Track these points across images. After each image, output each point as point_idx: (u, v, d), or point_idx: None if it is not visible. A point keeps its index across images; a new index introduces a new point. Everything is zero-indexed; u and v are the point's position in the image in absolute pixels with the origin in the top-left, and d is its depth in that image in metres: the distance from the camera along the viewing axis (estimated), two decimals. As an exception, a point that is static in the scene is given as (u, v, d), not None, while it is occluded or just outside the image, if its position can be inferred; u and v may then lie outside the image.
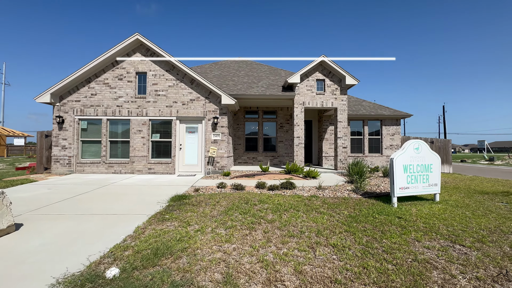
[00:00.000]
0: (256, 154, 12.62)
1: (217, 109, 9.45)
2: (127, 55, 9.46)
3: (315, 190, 6.72)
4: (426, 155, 5.52)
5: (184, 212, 4.53)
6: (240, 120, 12.67)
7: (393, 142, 12.84)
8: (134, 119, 9.34)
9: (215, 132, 9.42)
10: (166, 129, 9.51)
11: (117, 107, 9.35)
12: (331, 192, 6.44)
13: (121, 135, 9.47)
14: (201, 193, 6.09)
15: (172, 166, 9.30)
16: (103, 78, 9.39)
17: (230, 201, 5.33)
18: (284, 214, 4.51)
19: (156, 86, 9.43)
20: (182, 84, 9.44)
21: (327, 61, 10.20)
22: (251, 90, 10.65)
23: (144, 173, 9.24)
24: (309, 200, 5.56)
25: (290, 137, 12.65)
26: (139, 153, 9.27)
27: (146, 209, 4.76)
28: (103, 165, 9.24)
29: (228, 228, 3.79)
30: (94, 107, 9.33)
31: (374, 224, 4.06)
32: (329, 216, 4.44)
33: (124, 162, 9.26)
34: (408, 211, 4.82)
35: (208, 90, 9.44)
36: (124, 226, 3.86)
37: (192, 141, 9.56)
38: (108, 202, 5.34)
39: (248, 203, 5.13)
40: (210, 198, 5.56)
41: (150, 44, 9.16)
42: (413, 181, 5.38)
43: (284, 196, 5.89)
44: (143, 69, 9.43)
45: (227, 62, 15.30)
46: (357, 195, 6.15)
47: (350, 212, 4.72)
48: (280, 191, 6.49)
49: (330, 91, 10.53)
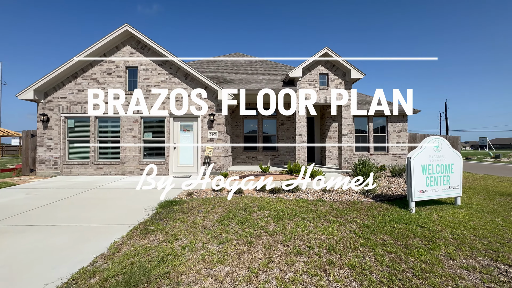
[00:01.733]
0: (255, 153, 12.00)
1: (213, 106, 8.82)
2: (116, 48, 8.81)
3: (321, 192, 6.11)
4: (447, 154, 4.91)
5: (173, 222, 3.92)
6: (239, 117, 12.05)
7: (400, 140, 12.22)
8: (124, 117, 8.71)
9: (212, 130, 8.80)
10: (159, 127, 8.89)
11: (106, 104, 8.71)
12: (339, 195, 5.84)
13: (111, 134, 8.84)
14: (195, 198, 5.48)
15: (166, 167, 8.68)
16: (90, 73, 8.75)
17: (226, 207, 4.72)
18: (288, 224, 3.90)
19: (147, 81, 8.79)
20: (176, 79, 8.81)
21: (330, 53, 9.56)
22: (250, 85, 10.02)
23: (136, 174, 8.63)
24: (315, 205, 4.95)
25: (292, 135, 12.03)
26: (130, 153, 8.65)
27: (129, 218, 4.15)
28: (92, 167, 8.62)
29: (222, 242, 3.18)
30: (82, 104, 8.70)
31: (394, 235, 3.46)
32: (340, 226, 3.84)
33: (114, 163, 8.64)
34: (429, 218, 4.21)
35: (204, 85, 8.81)
36: (99, 241, 3.25)
37: (187, 140, 8.94)
38: (89, 209, 4.73)
39: (247, 210, 4.52)
40: (204, 203, 4.95)
41: (140, 36, 8.51)
42: (432, 183, 4.76)
43: (286, 201, 5.28)
44: (133, 63, 8.79)
45: (224, 57, 14.65)
46: (368, 199, 5.54)
47: (363, 220, 4.12)
48: (282, 195, 5.89)
49: (334, 85, 9.90)
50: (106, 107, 8.67)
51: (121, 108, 8.68)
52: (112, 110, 8.68)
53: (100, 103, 8.69)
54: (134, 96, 8.72)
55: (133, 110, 8.69)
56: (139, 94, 8.73)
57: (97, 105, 8.67)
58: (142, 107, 8.71)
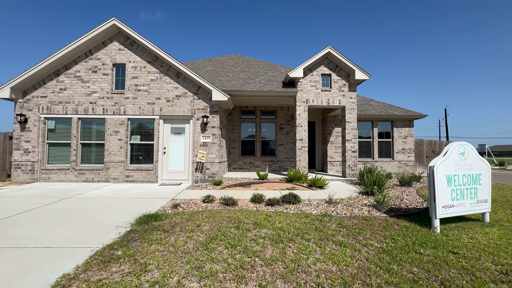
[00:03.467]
0: (253, 159, 11.28)
1: (207, 107, 8.13)
2: (103, 44, 8.14)
3: (325, 205, 5.38)
4: (474, 163, 4.22)
5: (147, 244, 3.17)
6: (236, 120, 11.36)
7: (406, 146, 11.55)
8: (110, 118, 7.98)
9: (205, 133, 8.08)
10: (148, 130, 8.16)
11: (90, 104, 8.00)
12: (346, 208, 5.11)
13: (95, 137, 8.10)
14: (180, 211, 4.72)
15: (154, 173, 7.93)
16: (74, 70, 8.06)
17: (215, 224, 3.97)
18: (289, 248, 3.16)
19: (136, 80, 8.10)
20: (167, 78, 8.13)
21: (333, 53, 8.94)
22: (248, 86, 9.36)
23: (121, 181, 7.86)
24: (321, 222, 4.22)
25: (291, 140, 11.34)
26: (115, 158, 7.90)
27: (96, 238, 3.40)
28: (73, 172, 7.85)
29: (204, 277, 2.44)
30: (63, 104, 7.98)
31: (424, 266, 2.73)
32: (354, 251, 3.11)
33: (97, 169, 7.88)
34: (459, 241, 3.49)
35: (197, 85, 8.14)
36: (45, 273, 2.49)
37: (178, 144, 8.21)
38: (53, 225, 3.97)
39: (239, 228, 3.78)
40: (190, 219, 4.20)
41: (129, 31, 7.86)
42: (458, 196, 4.06)
43: (287, 215, 4.54)
44: (121, 60, 8.12)
45: (221, 58, 14.05)
46: (380, 213, 4.81)
47: (380, 242, 3.38)
48: (281, 207, 5.15)
49: (337, 87, 9.26)
50: (90, 108, 7.96)
51: (106, 109, 7.97)
52: (96, 110, 7.96)
53: (84, 103, 7.98)
54: (121, 96, 8.03)
55: (120, 110, 7.98)
56: (126, 94, 8.03)
57: (80, 105, 7.95)
58: (130, 107, 8.00)
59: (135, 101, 8.04)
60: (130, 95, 8.05)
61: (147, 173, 7.92)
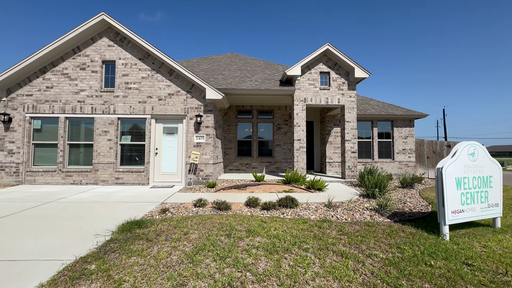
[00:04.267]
0: (249, 160, 10.95)
1: (201, 106, 7.79)
2: (92, 40, 7.79)
3: (324, 208, 5.06)
4: (484, 164, 3.91)
5: (126, 257, 2.83)
6: (232, 120, 11.03)
7: (406, 146, 11.27)
8: (99, 118, 7.62)
9: (199, 133, 7.74)
10: (139, 129, 7.81)
11: (78, 102, 7.64)
12: (347, 213, 4.79)
13: (84, 137, 7.73)
14: (168, 217, 4.38)
15: (146, 175, 7.57)
16: (61, 67, 7.70)
17: (205, 231, 3.63)
18: (285, 259, 2.83)
19: (126, 78, 7.75)
20: (159, 76, 7.79)
21: (332, 50, 8.65)
22: (244, 85, 9.03)
23: (111, 183, 7.50)
24: (320, 228, 3.89)
25: (289, 140, 11.03)
26: (105, 159, 7.54)
27: (71, 249, 3.05)
28: (60, 174, 7.47)
29: (185, 298, 2.10)
30: (50, 103, 7.60)
31: (436, 281, 2.42)
32: (357, 262, 2.79)
33: (85, 171, 7.51)
34: (471, 249, 3.18)
35: (190, 83, 7.80)
36: (1, 294, 2.15)
37: (170, 145, 7.86)
38: (25, 233, 3.61)
39: (231, 236, 3.44)
40: (178, 226, 3.86)
41: (119, 26, 7.52)
42: (468, 201, 3.75)
43: (283, 221, 4.21)
44: (111, 57, 7.76)
45: (218, 56, 13.72)
46: (383, 218, 4.50)
47: (386, 252, 3.06)
48: (278, 211, 4.82)
49: (336, 85, 8.96)
50: (78, 107, 7.59)
51: (95, 108, 7.61)
52: (85, 109, 7.60)
53: (72, 101, 7.61)
54: (110, 94, 7.68)
55: (109, 109, 7.62)
56: (116, 92, 7.68)
57: (68, 104, 7.59)
58: (120, 106, 7.65)
59: (125, 99, 7.68)
60: (120, 93, 7.70)
61: (138, 175, 7.56)
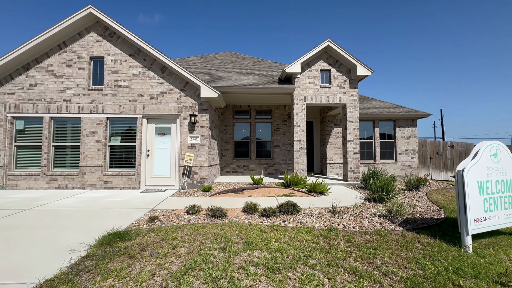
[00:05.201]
0: (247, 162, 10.52)
1: (195, 105, 7.35)
2: (79, 35, 7.33)
3: (329, 215, 4.65)
4: (508, 166, 3.53)
5: (101, 279, 2.38)
6: (228, 120, 10.60)
7: (409, 147, 10.93)
8: (86, 117, 7.15)
9: (193, 134, 7.30)
10: (129, 130, 7.34)
11: (64, 101, 7.16)
12: (354, 220, 4.38)
13: (70, 139, 7.25)
14: (157, 226, 3.92)
15: (136, 178, 7.11)
16: (46, 64, 7.22)
17: (196, 244, 3.19)
18: (289, 279, 2.41)
19: (116, 75, 7.29)
20: (150, 73, 7.34)
21: (333, 46, 8.27)
22: (241, 83, 8.62)
23: (99, 188, 7.02)
24: (326, 239, 3.48)
25: (288, 141, 10.62)
26: (92, 161, 7.06)
27: (38, 268, 2.60)
28: (44, 178, 6.98)
29: None
30: (34, 102, 7.12)
31: (473, 309, 2.01)
32: (373, 283, 2.38)
33: (71, 174, 7.02)
34: (500, 264, 2.78)
35: (184, 80, 7.36)
36: None
37: (163, 146, 7.41)
38: (-10, 248, 3.14)
39: (226, 250, 3.01)
40: (166, 237, 3.41)
41: (108, 20, 7.07)
42: (492, 207, 3.36)
43: (285, 230, 3.79)
44: (99, 53, 7.30)
45: (214, 55, 13.30)
46: (395, 226, 4.09)
47: (404, 269, 2.66)
48: (278, 218, 4.40)
49: (338, 83, 8.59)
50: (64, 106, 7.11)
51: (82, 107, 7.14)
52: (71, 108, 7.12)
53: (57, 100, 7.14)
54: (99, 93, 7.21)
55: (98, 109, 7.16)
56: (105, 90, 7.22)
57: (53, 103, 7.11)
58: (109, 105, 7.18)
59: (114, 98, 7.22)
60: (109, 91, 7.24)
61: (128, 178, 7.09)
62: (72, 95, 7.18)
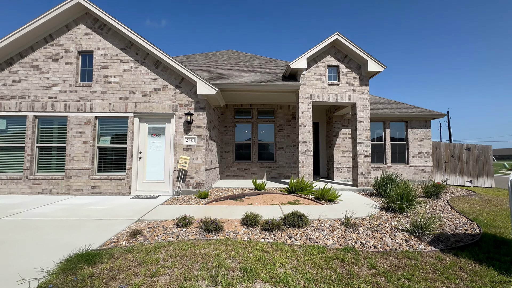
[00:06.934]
0: (248, 165, 9.86)
1: (191, 103, 6.74)
2: (67, 27, 6.78)
3: (342, 228, 3.97)
4: None
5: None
6: (229, 121, 9.97)
7: (422, 149, 10.18)
8: (73, 116, 6.57)
9: (189, 134, 6.67)
10: (120, 130, 6.74)
11: (50, 99, 6.59)
12: (373, 236, 3.69)
13: (56, 140, 6.67)
14: (137, 244, 3.27)
15: (127, 183, 6.49)
16: (31, 58, 6.67)
17: (180, 271, 2.54)
18: (301, 333, 1.74)
19: (106, 70, 6.72)
20: (143, 68, 6.75)
21: (342, 40, 7.62)
22: (242, 80, 7.99)
23: (85, 193, 6.41)
24: (343, 263, 2.80)
25: (293, 143, 9.95)
26: (79, 164, 6.46)
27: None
28: (26, 183, 6.40)
29: None
30: (17, 100, 6.56)
31: None
32: None
33: (56, 178, 6.43)
34: None
35: (180, 76, 6.76)
36: None
37: (156, 148, 6.79)
38: None
39: (217, 282, 2.34)
40: (144, 261, 2.76)
41: (98, 11, 6.51)
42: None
43: (292, 250, 3.11)
44: (88, 46, 6.74)
45: (214, 53, 12.72)
46: (424, 244, 3.40)
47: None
48: (283, 233, 3.73)
49: (347, 80, 7.92)
50: (49, 104, 6.54)
51: (69, 105, 6.56)
52: (57, 107, 6.55)
53: (42, 97, 6.57)
54: (87, 89, 6.64)
55: (86, 107, 6.58)
56: (94, 87, 6.64)
57: (37, 101, 6.55)
58: (98, 103, 6.60)
59: (104, 95, 6.64)
60: (99, 88, 6.66)
61: (118, 183, 6.47)
62: (58, 92, 6.60)
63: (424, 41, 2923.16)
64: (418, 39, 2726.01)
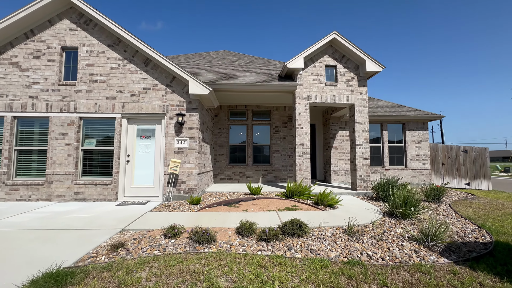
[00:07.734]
0: (243, 168, 9.52)
1: (183, 103, 6.39)
2: (49, 22, 6.36)
3: (345, 237, 3.67)
4: None
5: None
6: (223, 122, 9.63)
7: (420, 152, 10.03)
8: (55, 117, 6.14)
9: (180, 136, 6.31)
10: (106, 132, 6.33)
11: (30, 98, 6.15)
12: (379, 246, 3.40)
13: (36, 142, 6.22)
14: (118, 260, 2.89)
15: (113, 188, 6.07)
16: (10, 55, 6.23)
17: (165, 294, 2.19)
18: None
19: (92, 68, 6.32)
20: (132, 66, 6.38)
21: (340, 39, 7.41)
22: (236, 79, 7.68)
23: (68, 199, 5.97)
24: (350, 280, 2.49)
25: (289, 145, 9.67)
26: (61, 168, 6.02)
27: None
28: (3, 189, 5.91)
29: None
30: (-6, 99, 6.10)
31: None
32: None
33: (36, 183, 5.97)
34: None
35: (171, 75, 6.41)
36: None
37: (146, 151, 6.40)
38: None
39: (208, 308, 2.00)
40: (124, 281, 2.39)
41: (84, 6, 6.13)
42: None
43: (292, 264, 2.79)
44: (73, 43, 6.34)
45: (208, 53, 12.41)
46: (436, 255, 3.12)
47: None
48: (282, 244, 3.40)
49: (344, 81, 7.69)
50: (30, 103, 6.10)
51: (51, 105, 6.13)
52: (38, 107, 6.11)
53: (22, 97, 6.13)
54: (71, 88, 6.22)
55: (69, 107, 6.15)
56: (79, 86, 6.23)
57: (16, 100, 6.10)
58: (82, 103, 6.19)
59: (89, 95, 6.23)
60: (84, 87, 6.25)
61: (104, 188, 6.05)
62: (39, 91, 6.17)
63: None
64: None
